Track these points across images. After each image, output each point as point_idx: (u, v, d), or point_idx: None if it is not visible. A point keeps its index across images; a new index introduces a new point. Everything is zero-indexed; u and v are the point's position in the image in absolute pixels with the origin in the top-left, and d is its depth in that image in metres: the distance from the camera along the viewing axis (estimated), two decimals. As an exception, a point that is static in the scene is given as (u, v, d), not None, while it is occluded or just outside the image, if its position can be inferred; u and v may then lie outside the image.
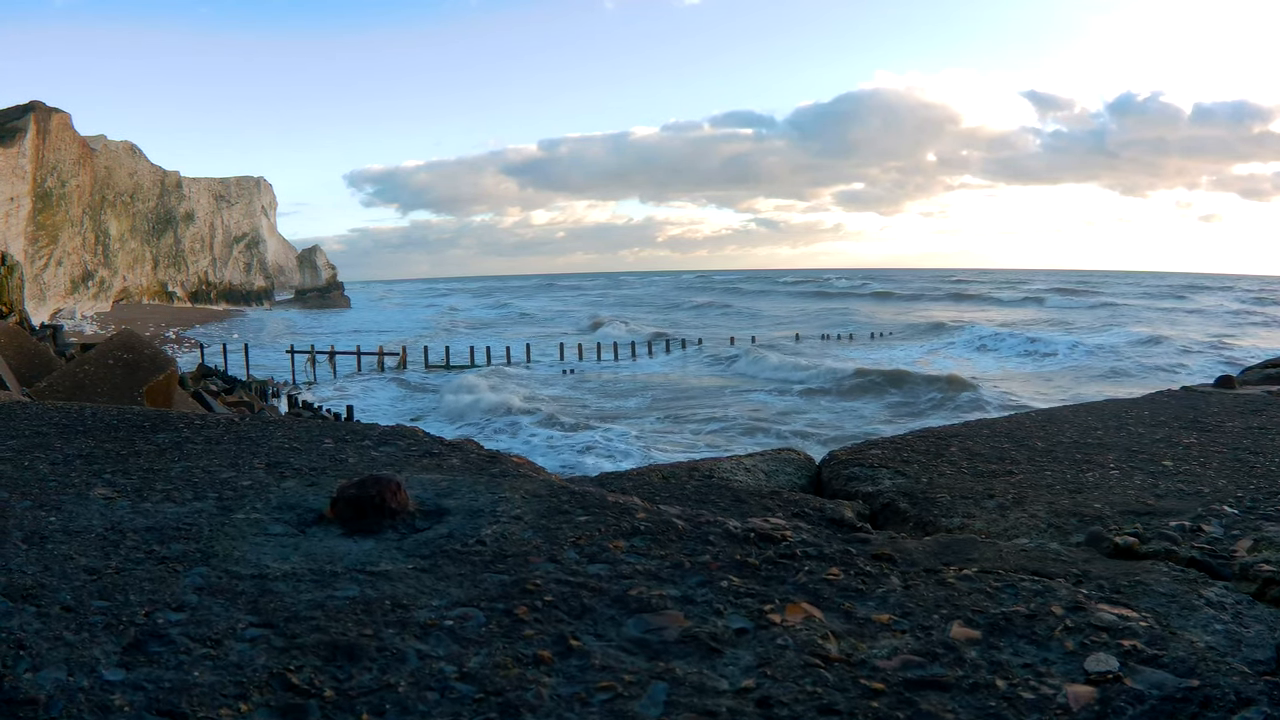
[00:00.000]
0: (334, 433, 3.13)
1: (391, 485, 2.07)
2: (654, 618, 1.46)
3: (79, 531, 1.97)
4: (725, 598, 1.55)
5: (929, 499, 2.52)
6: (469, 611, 1.51)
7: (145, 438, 3.03)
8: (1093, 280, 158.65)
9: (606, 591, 1.58)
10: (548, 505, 2.11)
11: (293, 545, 1.90)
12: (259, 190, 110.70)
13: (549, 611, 1.51)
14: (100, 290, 78.63)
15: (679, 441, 25.77)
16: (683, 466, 3.14)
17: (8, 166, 61.24)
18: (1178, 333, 54.56)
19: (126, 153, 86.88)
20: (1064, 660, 1.34)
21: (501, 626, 1.46)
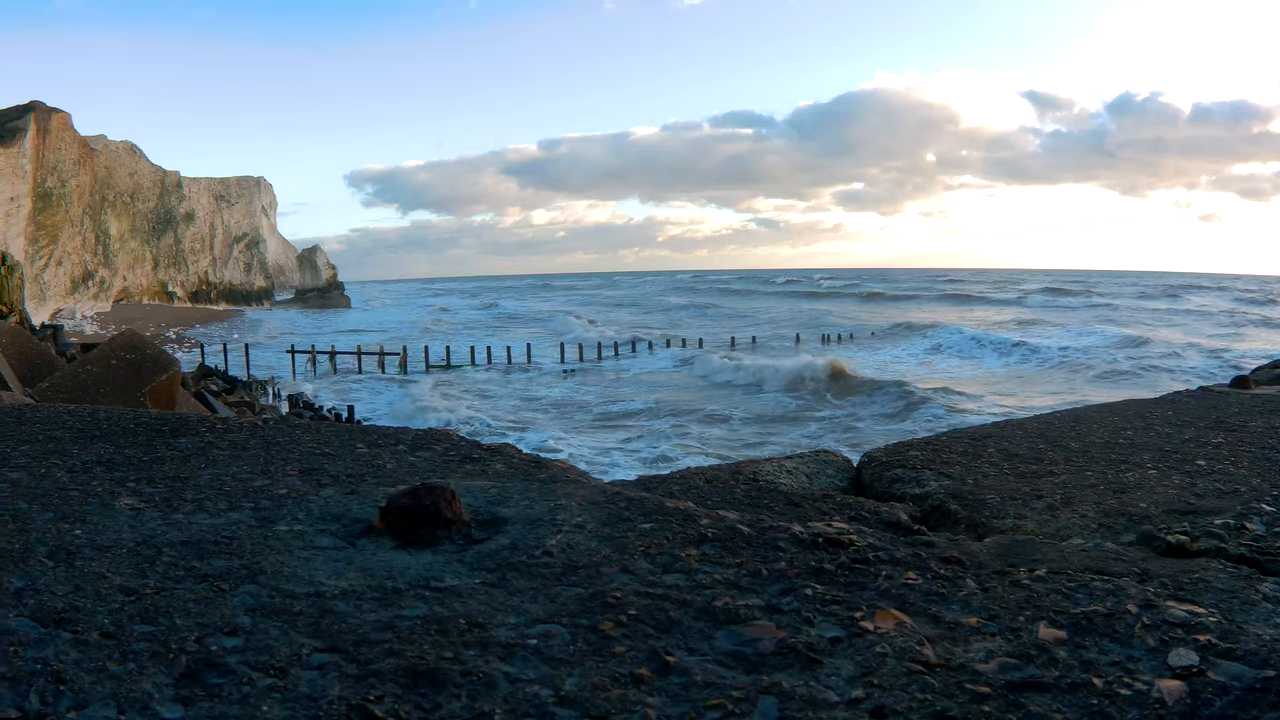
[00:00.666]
0: (365, 437, 2.98)
1: (446, 494, 1.95)
2: (745, 629, 1.42)
3: (108, 546, 1.82)
4: (812, 606, 1.51)
5: (978, 500, 2.52)
6: (552, 629, 1.43)
7: (166, 443, 2.88)
8: (1089, 280, 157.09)
9: (690, 603, 1.52)
10: (607, 512, 2.02)
11: (345, 560, 1.77)
12: (259, 190, 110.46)
13: (635, 626, 1.43)
14: (100, 290, 78.39)
15: (591, 445, 24.68)
16: (724, 469, 3.10)
17: (8, 166, 61.02)
18: (1163, 334, 52.75)
19: (127, 153, 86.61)
20: (1148, 656, 1.35)
21: (590, 644, 1.38)
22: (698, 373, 40.28)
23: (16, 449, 2.78)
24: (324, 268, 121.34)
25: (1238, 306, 78.61)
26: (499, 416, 30.30)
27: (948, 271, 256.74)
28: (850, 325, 64.46)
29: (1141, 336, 49.08)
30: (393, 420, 28.92)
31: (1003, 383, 36.27)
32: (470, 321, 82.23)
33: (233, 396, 29.42)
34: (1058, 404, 28.10)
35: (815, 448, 4.91)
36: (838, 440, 24.06)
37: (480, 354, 49.20)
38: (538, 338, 57.33)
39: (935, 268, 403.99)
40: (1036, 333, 54.39)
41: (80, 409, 3.63)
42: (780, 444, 23.66)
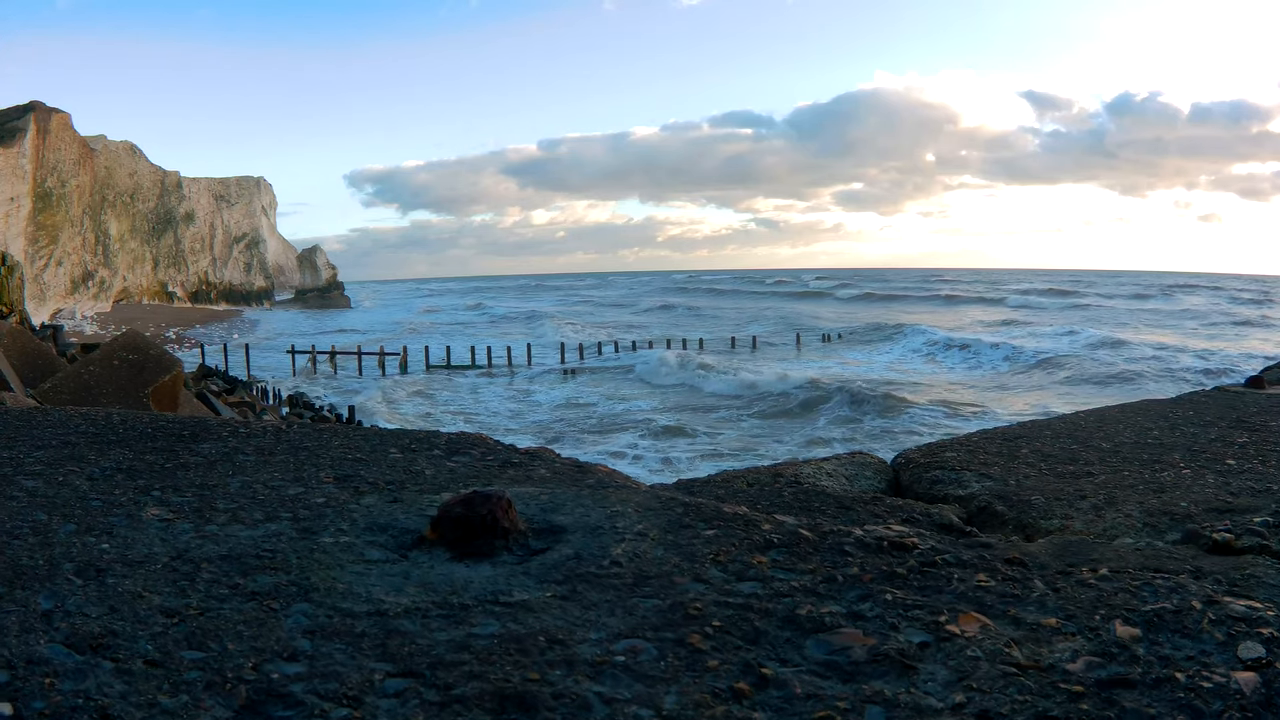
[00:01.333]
0: (396, 441, 2.85)
1: (503, 502, 1.84)
2: (833, 637, 1.40)
3: (140, 561, 1.68)
4: (894, 611, 1.49)
5: (1024, 501, 2.53)
6: (637, 644, 1.37)
7: (188, 448, 2.74)
8: (1086, 279, 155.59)
9: (773, 612, 1.48)
10: (667, 519, 1.96)
11: (401, 574, 1.65)
12: (259, 190, 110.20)
13: (722, 638, 1.39)
14: (100, 290, 78.13)
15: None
16: (764, 472, 3.10)
17: (8, 166, 60.80)
18: (1145, 335, 50.61)
19: (126, 153, 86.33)
20: (1218, 650, 1.37)
21: (680, 659, 1.33)
22: (647, 377, 39.58)
23: (30, 455, 2.65)
24: (324, 268, 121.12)
25: (1229, 307, 77.26)
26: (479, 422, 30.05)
27: (944, 271, 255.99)
28: (829, 326, 63.14)
29: (1117, 338, 47.64)
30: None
31: (958, 388, 35.26)
32: (454, 322, 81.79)
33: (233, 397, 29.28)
34: (1017, 411, 26.85)
35: (842, 451, 4.89)
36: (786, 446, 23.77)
37: (480, 355, 48.98)
38: (514, 339, 56.45)
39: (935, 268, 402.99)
40: (1009, 334, 53.24)
41: (93, 412, 3.49)
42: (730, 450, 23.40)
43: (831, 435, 24.88)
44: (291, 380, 40.60)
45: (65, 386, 11.68)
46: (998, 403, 30.05)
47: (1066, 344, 46.14)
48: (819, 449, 20.79)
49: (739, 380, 34.37)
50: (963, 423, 24.98)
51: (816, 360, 44.66)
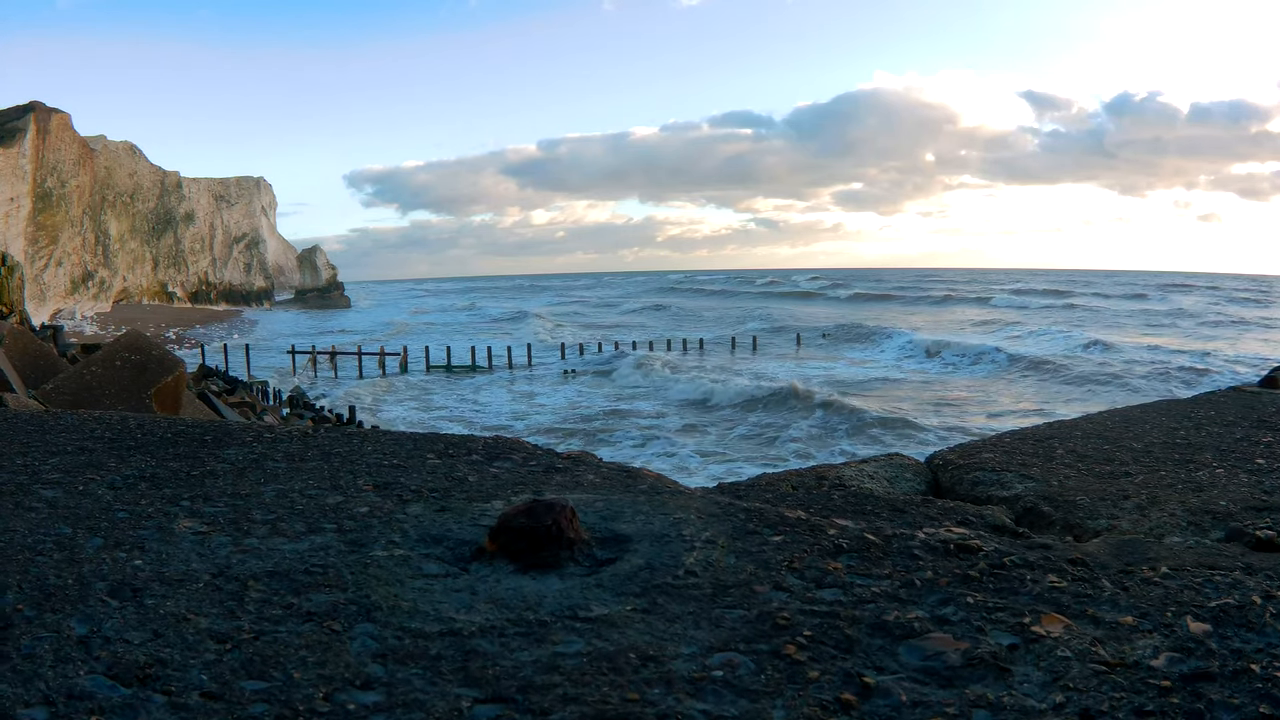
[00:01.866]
0: (432, 446, 2.71)
1: (566, 511, 1.76)
2: (924, 643, 1.38)
3: (179, 580, 1.55)
4: (977, 614, 1.48)
5: (1070, 502, 2.53)
6: (732, 657, 1.33)
7: (212, 454, 2.61)
8: (1083, 279, 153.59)
9: (860, 619, 1.46)
10: (731, 525, 1.89)
11: (466, 588, 1.56)
12: (259, 190, 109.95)
13: (816, 648, 1.36)
14: (100, 291, 77.87)
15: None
16: (806, 474, 3.07)
17: (8, 167, 60.58)
18: (1129, 337, 48.13)
19: (126, 153, 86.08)
20: None
21: (779, 670, 1.29)
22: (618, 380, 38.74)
23: (45, 462, 2.52)
24: (324, 268, 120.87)
25: (1223, 307, 73.01)
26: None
27: (941, 271, 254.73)
28: (813, 327, 60.81)
29: (1100, 339, 45.63)
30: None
31: (929, 391, 33.54)
32: (444, 322, 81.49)
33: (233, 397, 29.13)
34: (994, 417, 25.57)
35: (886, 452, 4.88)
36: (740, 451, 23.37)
37: (481, 355, 48.79)
38: (500, 340, 55.69)
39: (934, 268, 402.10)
40: (992, 336, 51.39)
41: (108, 416, 3.36)
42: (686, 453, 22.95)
43: (802, 444, 23.60)
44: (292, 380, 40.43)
45: (67, 387, 11.55)
46: (971, 408, 29.01)
47: (1048, 346, 44.54)
48: (795, 460, 20.23)
49: (704, 386, 33.14)
50: (918, 434, 23.39)
51: (793, 363, 43.11)
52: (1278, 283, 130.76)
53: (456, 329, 72.11)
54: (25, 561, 1.65)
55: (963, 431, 22.14)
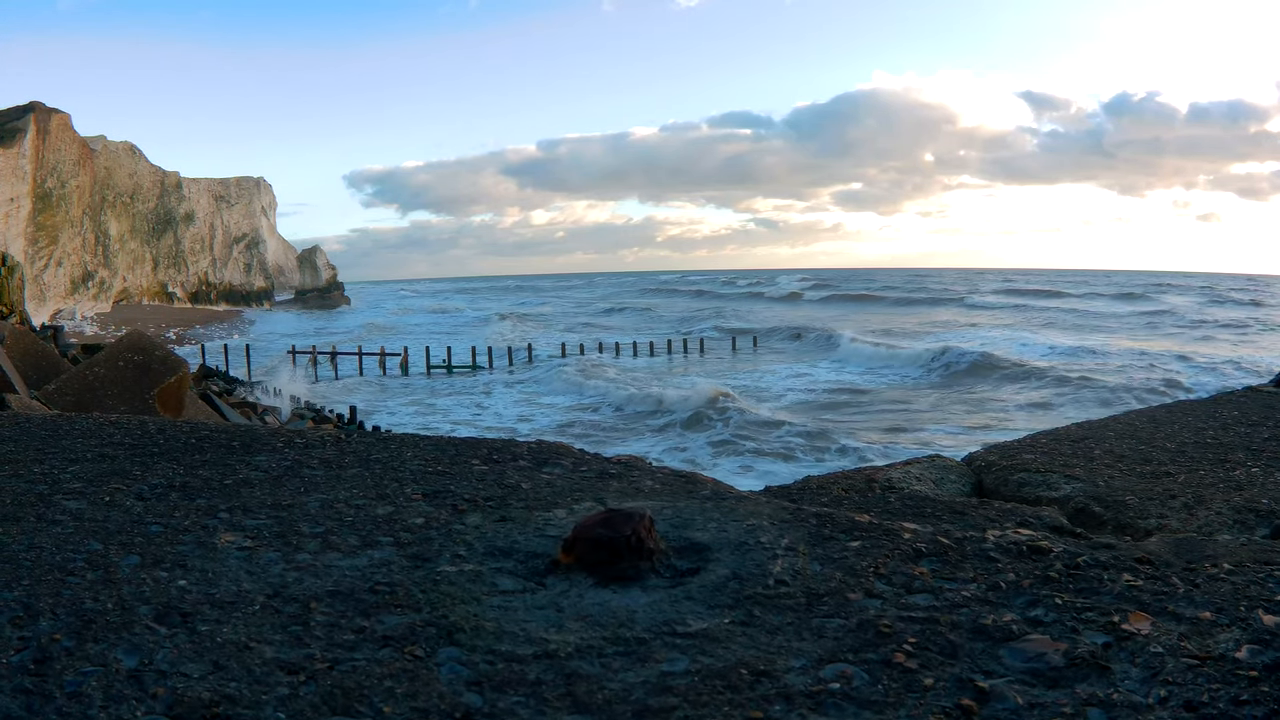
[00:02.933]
0: (475, 451, 2.57)
1: (645, 521, 1.67)
2: (1024, 645, 1.39)
3: (231, 602, 1.40)
4: (1067, 615, 1.48)
5: (1119, 502, 2.55)
6: (844, 668, 1.31)
7: (243, 461, 2.46)
8: (1075, 279, 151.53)
9: (959, 624, 1.45)
10: (806, 531, 1.86)
11: (549, 604, 1.48)
12: (259, 190, 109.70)
13: (923, 655, 1.35)
14: (100, 291, 77.60)
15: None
16: (855, 477, 3.09)
17: (8, 167, 60.36)
18: (1111, 341, 45.02)
19: (126, 153, 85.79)
20: None
21: (895, 680, 1.28)
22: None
23: (65, 470, 2.37)
24: (324, 268, 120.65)
25: (1209, 308, 69.78)
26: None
27: (933, 271, 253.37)
28: (766, 329, 57.94)
29: (1084, 345, 42.89)
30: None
31: (854, 399, 30.26)
32: (414, 324, 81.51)
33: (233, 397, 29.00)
34: (923, 431, 23.41)
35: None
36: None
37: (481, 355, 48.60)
38: (459, 340, 54.57)
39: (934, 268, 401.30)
40: (949, 338, 48.38)
41: (125, 420, 3.21)
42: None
43: (710, 454, 21.86)
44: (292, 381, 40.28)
45: (70, 388, 11.40)
46: (896, 419, 26.37)
47: (1002, 349, 41.42)
48: (721, 469, 19.26)
49: (625, 394, 31.62)
50: (819, 454, 21.26)
51: (727, 370, 40.62)
52: (1275, 283, 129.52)
53: (425, 329, 72.12)
54: (56, 583, 1.50)
55: (849, 452, 20.42)
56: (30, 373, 12.38)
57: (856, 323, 62.78)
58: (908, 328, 59.55)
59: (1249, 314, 63.99)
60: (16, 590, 1.47)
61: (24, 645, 1.25)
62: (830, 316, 69.90)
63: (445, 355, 48.42)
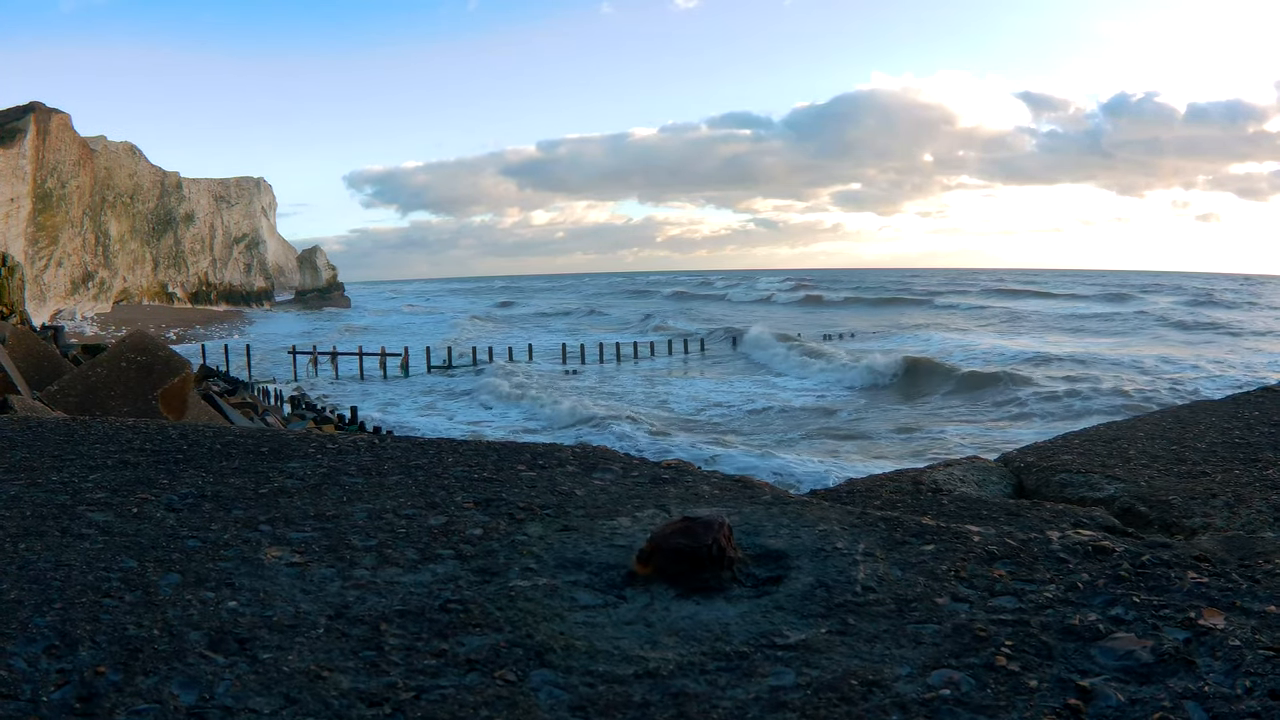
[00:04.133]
0: (519, 456, 2.44)
1: (725, 529, 1.60)
2: (1113, 643, 1.40)
3: (291, 625, 1.27)
4: (1146, 613, 1.49)
5: (1164, 502, 2.58)
6: (950, 674, 1.29)
7: (275, 468, 2.33)
8: (1070, 278, 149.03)
9: (1048, 625, 1.45)
10: (878, 536, 1.84)
11: (637, 619, 1.39)
12: (259, 191, 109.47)
13: (1022, 657, 1.35)
14: (100, 291, 77.39)
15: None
16: (903, 479, 3.06)
17: (8, 167, 60.17)
18: (1068, 345, 42.50)
19: (126, 153, 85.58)
20: None
21: (1001, 684, 1.27)
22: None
23: (86, 479, 2.24)
24: (324, 268, 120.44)
25: (1188, 310, 66.00)
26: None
27: (930, 272, 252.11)
28: (705, 331, 55.34)
29: (1045, 353, 39.05)
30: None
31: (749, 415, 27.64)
32: (390, 325, 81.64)
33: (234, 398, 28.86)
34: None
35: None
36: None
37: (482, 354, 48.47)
38: (416, 340, 54.11)
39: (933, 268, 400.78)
40: (895, 342, 46.45)
41: (143, 424, 3.08)
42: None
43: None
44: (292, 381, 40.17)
45: (73, 389, 11.27)
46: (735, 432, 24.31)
47: (943, 355, 38.79)
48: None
49: (513, 404, 30.86)
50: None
51: (636, 382, 37.96)
52: (1270, 283, 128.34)
53: (395, 330, 71.95)
54: (92, 605, 1.37)
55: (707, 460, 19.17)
56: (32, 373, 12.25)
57: (813, 324, 61.87)
58: (864, 329, 58.44)
59: (1231, 316, 61.38)
60: (49, 615, 1.34)
61: (65, 680, 1.12)
62: (786, 319, 68.81)
63: (446, 356, 48.29)
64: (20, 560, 1.60)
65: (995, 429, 23.21)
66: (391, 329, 72.75)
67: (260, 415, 25.88)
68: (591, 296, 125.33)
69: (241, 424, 16.22)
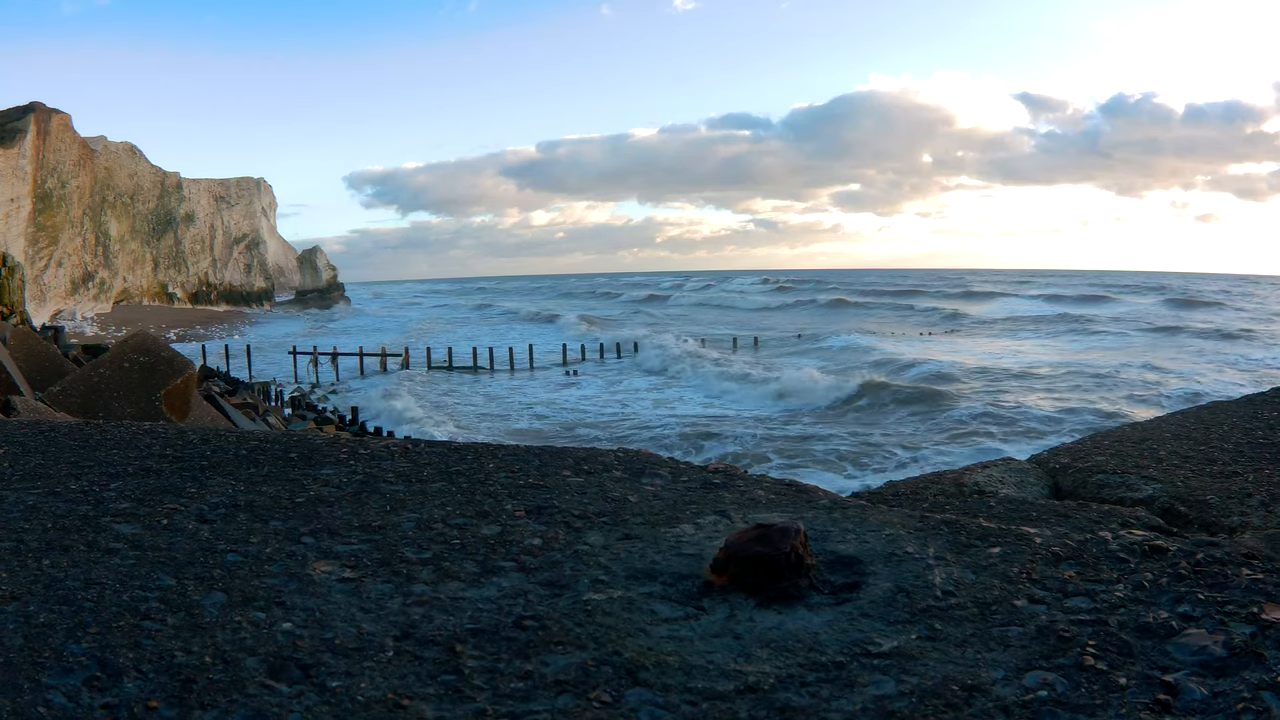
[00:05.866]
0: (561, 461, 2.34)
1: (801, 536, 1.57)
2: (1186, 639, 1.41)
3: (356, 648, 1.16)
4: (1210, 609, 1.50)
5: (1202, 501, 2.61)
6: (1044, 676, 1.29)
7: (307, 475, 2.22)
8: (1061, 278, 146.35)
9: (1125, 624, 1.46)
10: (944, 540, 1.82)
11: (725, 631, 1.37)
12: (259, 191, 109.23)
13: (1105, 655, 1.35)
14: (100, 291, 77.15)
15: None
16: (945, 481, 3.08)
17: (8, 167, 60.01)
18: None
19: (127, 153, 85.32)
20: None
21: (1093, 682, 1.27)
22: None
23: (107, 487, 2.12)
24: (324, 269, 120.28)
25: (1160, 312, 63.55)
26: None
27: (916, 272, 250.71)
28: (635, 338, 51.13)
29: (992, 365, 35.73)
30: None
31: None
32: (361, 325, 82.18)
33: (235, 398, 28.74)
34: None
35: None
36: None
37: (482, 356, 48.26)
38: (369, 340, 53.74)
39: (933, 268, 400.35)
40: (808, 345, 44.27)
41: (161, 429, 2.97)
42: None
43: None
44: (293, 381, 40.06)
45: (75, 389, 11.16)
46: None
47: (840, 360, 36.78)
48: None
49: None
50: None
51: (547, 383, 36.80)
52: (1264, 283, 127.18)
53: (367, 329, 72.38)
54: (131, 630, 1.26)
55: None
56: (34, 374, 12.13)
57: (746, 323, 60.70)
58: (777, 328, 57.42)
59: (1202, 318, 57.68)
60: (84, 640, 1.23)
61: (113, 718, 1.01)
62: (739, 319, 67.79)
63: (446, 356, 48.12)
64: (46, 578, 1.49)
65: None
66: (361, 330, 73.29)
67: (261, 415, 25.76)
68: (554, 298, 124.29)
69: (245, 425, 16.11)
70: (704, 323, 64.71)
